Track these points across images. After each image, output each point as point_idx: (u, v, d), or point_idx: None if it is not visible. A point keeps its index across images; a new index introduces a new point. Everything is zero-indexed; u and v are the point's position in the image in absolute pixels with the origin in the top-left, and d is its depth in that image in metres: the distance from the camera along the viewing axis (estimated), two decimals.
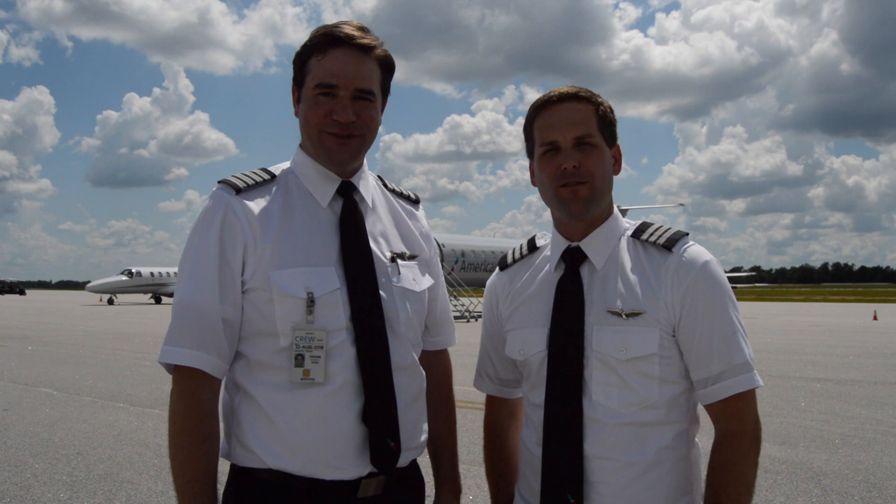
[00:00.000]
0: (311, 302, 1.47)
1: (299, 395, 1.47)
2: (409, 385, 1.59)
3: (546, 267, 1.68)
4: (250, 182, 1.55)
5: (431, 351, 1.80)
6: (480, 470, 5.66)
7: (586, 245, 1.61)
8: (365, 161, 1.67)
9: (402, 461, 1.56)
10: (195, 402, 1.48)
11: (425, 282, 1.70)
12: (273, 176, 1.60)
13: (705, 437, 1.53)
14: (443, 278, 1.83)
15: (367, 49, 1.52)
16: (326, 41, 1.50)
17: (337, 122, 1.50)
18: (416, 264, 1.68)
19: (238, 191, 1.53)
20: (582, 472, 1.51)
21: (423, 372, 1.67)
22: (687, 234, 1.57)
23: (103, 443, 6.49)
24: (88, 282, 51.50)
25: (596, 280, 1.59)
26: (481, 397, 1.89)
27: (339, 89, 1.50)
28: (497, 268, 1.85)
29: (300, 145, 1.64)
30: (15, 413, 7.91)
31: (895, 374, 11.60)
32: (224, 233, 1.48)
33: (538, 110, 1.60)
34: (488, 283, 1.85)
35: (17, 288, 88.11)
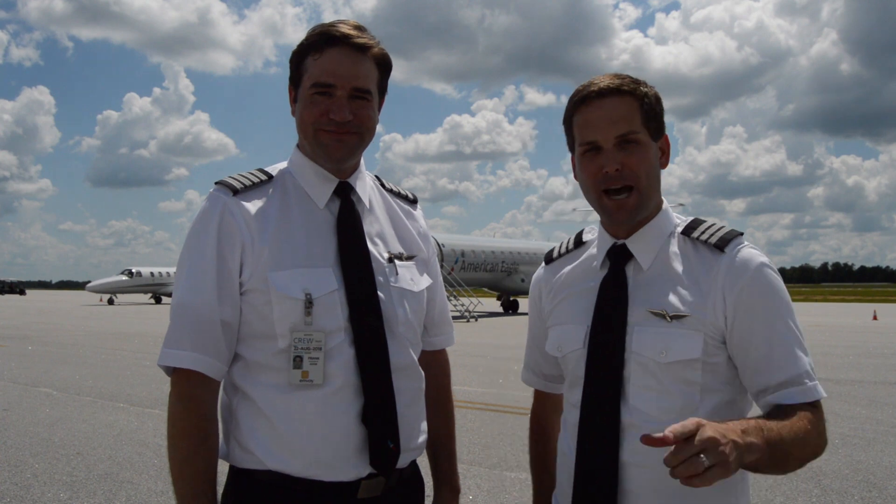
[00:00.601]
0: (309, 303, 1.46)
1: (298, 397, 1.47)
2: (409, 386, 1.58)
3: (592, 264, 1.61)
4: (247, 183, 1.55)
5: (430, 351, 1.79)
6: (481, 470, 5.69)
7: (633, 243, 1.54)
8: (362, 161, 1.67)
9: (402, 462, 1.55)
10: (194, 404, 1.48)
11: (423, 282, 1.69)
12: (270, 177, 1.59)
13: None
14: (441, 278, 1.82)
15: (363, 48, 1.51)
16: (323, 40, 1.50)
17: (333, 121, 1.50)
18: (413, 264, 1.67)
19: (235, 192, 1.52)
20: (616, 479, 1.43)
21: (423, 372, 1.67)
22: (741, 234, 1.48)
23: (103, 443, 6.49)
24: (88, 282, 51.50)
25: (641, 279, 1.51)
26: (481, 397, 1.91)
27: (336, 88, 1.49)
28: (543, 262, 1.79)
29: (297, 145, 1.64)
30: (15, 413, 7.92)
31: (895, 374, 11.61)
32: (222, 234, 1.48)
33: (577, 105, 1.50)
34: (534, 277, 1.82)
35: (17, 288, 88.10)
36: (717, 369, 1.45)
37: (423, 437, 1.65)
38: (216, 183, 1.56)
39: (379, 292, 1.55)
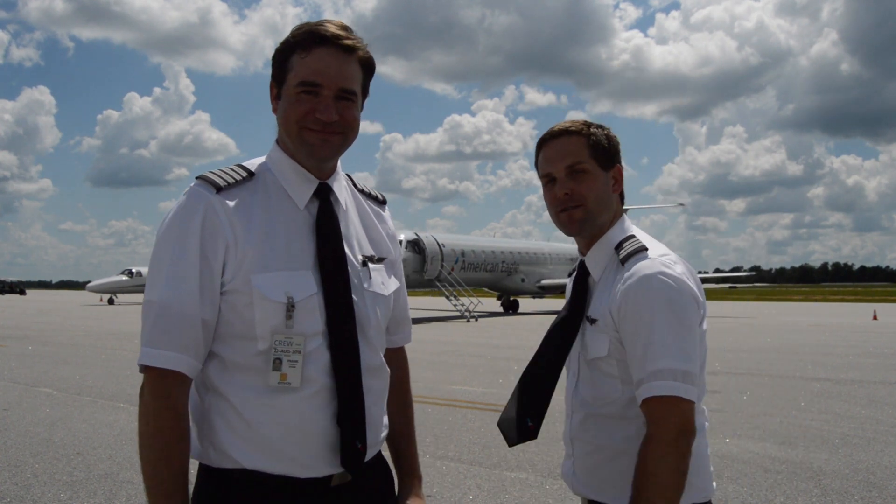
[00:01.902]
0: (290, 307, 1.47)
1: (275, 399, 1.48)
2: (377, 386, 1.62)
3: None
4: (230, 180, 1.53)
5: (391, 349, 1.82)
6: (481, 470, 5.68)
7: (587, 259, 1.83)
8: (339, 162, 1.67)
9: (367, 457, 1.60)
10: (171, 402, 1.46)
11: (392, 285, 1.71)
12: (251, 174, 1.57)
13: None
14: (405, 280, 1.86)
15: (350, 50, 1.52)
16: (311, 39, 1.49)
17: (319, 120, 1.50)
18: (383, 267, 1.70)
19: (219, 189, 1.50)
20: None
21: (388, 370, 1.70)
22: (646, 250, 1.68)
23: (103, 443, 6.49)
24: (88, 282, 51.45)
25: (592, 288, 1.82)
26: (481, 397, 1.98)
27: (323, 88, 1.50)
28: None
29: (276, 141, 1.62)
30: (15, 413, 7.92)
31: (895, 374, 11.61)
32: (205, 232, 1.46)
33: (539, 147, 1.83)
34: None
35: (18, 288, 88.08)
36: (626, 365, 1.68)
37: (385, 432, 1.70)
38: (198, 178, 1.53)
39: (353, 296, 1.56)
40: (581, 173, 1.72)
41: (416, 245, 29.86)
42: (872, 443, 6.59)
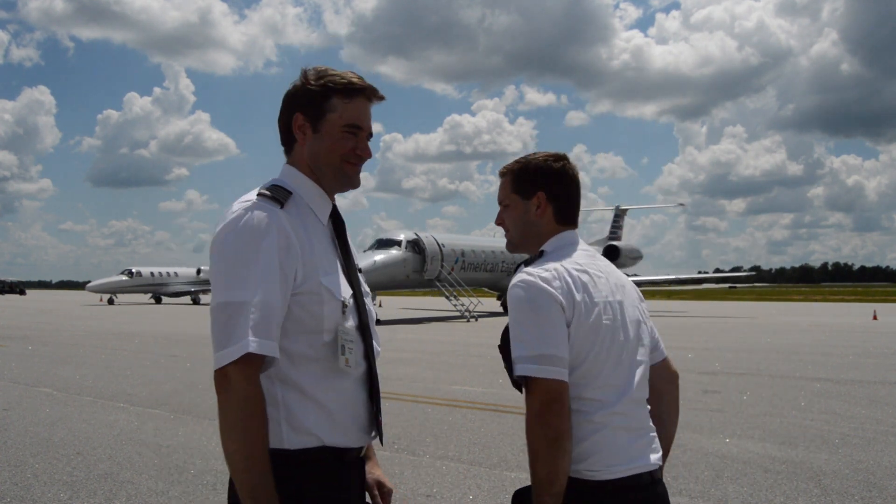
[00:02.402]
0: (344, 304, 1.76)
1: (338, 382, 1.75)
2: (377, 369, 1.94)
3: None
4: (284, 198, 1.76)
5: None
6: (481, 470, 5.69)
7: None
8: None
9: None
10: (260, 388, 1.64)
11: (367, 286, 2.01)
12: (290, 192, 1.80)
13: None
14: None
15: (376, 101, 1.87)
16: (352, 88, 1.80)
17: (359, 156, 1.83)
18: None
19: (282, 206, 1.73)
20: None
21: None
22: (522, 265, 1.94)
23: (103, 443, 6.49)
24: (88, 282, 51.49)
25: None
26: (481, 397, 2.05)
27: (362, 130, 1.82)
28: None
29: (292, 165, 1.85)
30: (15, 413, 7.92)
31: (895, 374, 11.62)
32: (280, 243, 1.67)
33: None
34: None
35: (18, 288, 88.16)
36: None
37: None
38: (262, 195, 1.73)
39: (364, 297, 1.89)
40: (504, 207, 2.09)
41: (416, 245, 29.85)
42: (872, 443, 6.59)
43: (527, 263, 1.97)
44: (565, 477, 1.75)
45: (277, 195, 1.74)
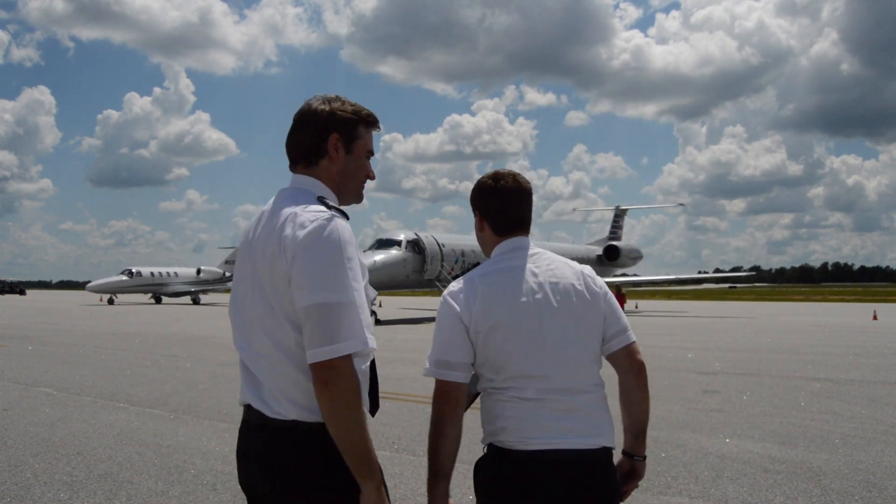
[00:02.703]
0: (371, 303, 1.96)
1: (365, 367, 1.94)
2: None
3: None
4: (345, 213, 2.00)
5: None
6: None
7: None
8: None
9: None
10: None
11: None
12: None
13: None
14: None
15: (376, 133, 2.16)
16: (372, 121, 2.10)
17: (370, 178, 2.14)
18: None
19: (347, 219, 1.95)
20: None
21: None
22: (466, 273, 2.21)
23: (103, 443, 6.49)
24: (88, 282, 51.51)
25: None
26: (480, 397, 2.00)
27: (371, 157, 2.13)
28: None
29: (317, 178, 2.03)
30: (15, 413, 7.92)
31: (895, 374, 11.62)
32: (359, 253, 1.92)
33: None
34: None
35: (18, 288, 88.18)
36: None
37: None
38: (333, 209, 1.92)
39: None
40: None
41: (416, 245, 29.87)
42: (872, 443, 6.59)
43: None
44: (446, 458, 2.09)
45: (341, 210, 1.97)
